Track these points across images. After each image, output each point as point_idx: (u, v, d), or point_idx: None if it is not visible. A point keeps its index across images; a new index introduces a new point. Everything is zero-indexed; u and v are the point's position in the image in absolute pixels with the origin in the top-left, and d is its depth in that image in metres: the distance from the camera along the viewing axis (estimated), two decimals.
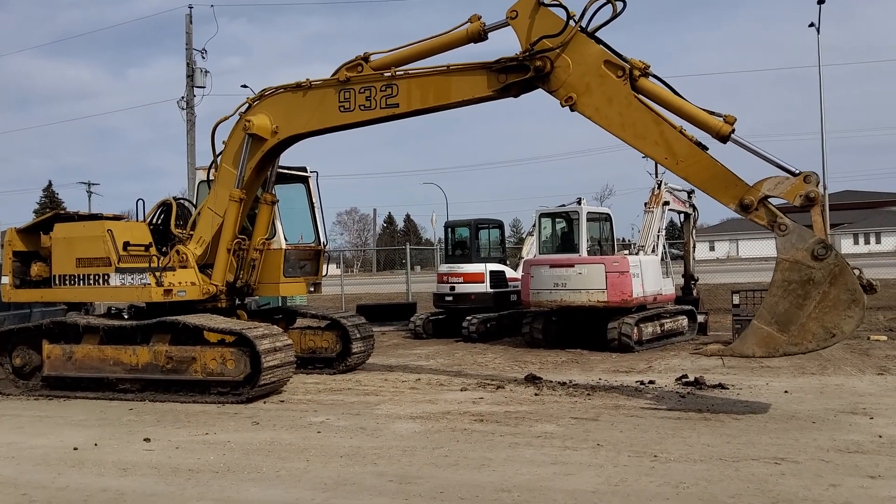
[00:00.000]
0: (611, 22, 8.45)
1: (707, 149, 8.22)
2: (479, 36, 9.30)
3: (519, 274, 16.39)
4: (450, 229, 18.02)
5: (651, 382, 9.78)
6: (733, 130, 8.12)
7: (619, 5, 8.30)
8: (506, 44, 9.20)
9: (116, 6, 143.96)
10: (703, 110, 8.27)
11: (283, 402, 9.24)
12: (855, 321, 7.24)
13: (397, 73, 9.49)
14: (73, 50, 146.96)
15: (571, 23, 8.49)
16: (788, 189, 7.67)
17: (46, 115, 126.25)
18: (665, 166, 8.40)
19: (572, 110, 8.63)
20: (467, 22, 9.34)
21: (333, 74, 9.89)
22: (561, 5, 8.57)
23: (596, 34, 8.53)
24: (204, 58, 26.50)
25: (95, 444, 7.25)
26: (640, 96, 8.37)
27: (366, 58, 9.75)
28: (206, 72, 26.25)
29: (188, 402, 9.29)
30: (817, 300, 7.26)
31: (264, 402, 9.16)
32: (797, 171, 7.72)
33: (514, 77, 8.81)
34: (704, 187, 8.16)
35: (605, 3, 8.36)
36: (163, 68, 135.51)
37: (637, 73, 8.35)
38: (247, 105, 10.47)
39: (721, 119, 8.15)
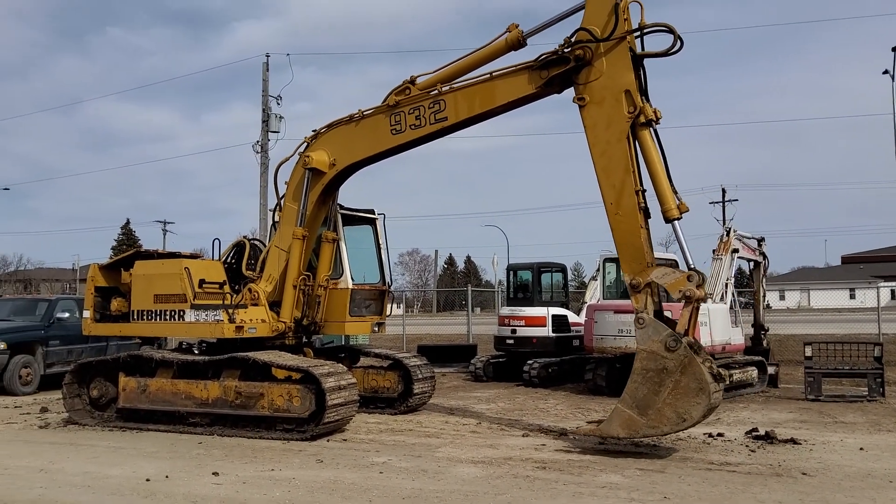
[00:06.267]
0: (662, 56, 8.61)
1: (650, 217, 8.65)
2: (519, 43, 9.57)
3: (582, 318, 16.25)
4: (512, 272, 18.02)
5: (720, 435, 9.52)
6: (678, 218, 8.54)
7: (678, 44, 8.42)
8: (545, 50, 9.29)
9: (194, 54, 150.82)
10: (671, 187, 8.58)
11: (345, 440, 9.34)
12: (702, 408, 7.83)
13: (443, 89, 9.79)
14: (153, 95, 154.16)
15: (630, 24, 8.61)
16: (672, 282, 8.28)
17: (125, 157, 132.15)
18: (606, 209, 8.77)
19: (579, 109, 8.86)
20: (506, 31, 9.61)
21: (383, 101, 10.24)
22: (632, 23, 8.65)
23: (642, 59, 8.67)
24: (279, 104, 27.47)
25: (166, 476, 7.46)
26: (633, 141, 8.60)
27: (412, 81, 10.11)
28: (281, 117, 27.18)
29: (255, 437, 9.48)
30: (670, 387, 7.90)
31: (327, 441, 9.28)
32: (691, 267, 8.35)
33: (556, 70, 8.97)
34: (619, 247, 8.72)
35: (664, 31, 8.51)
36: (235, 113, 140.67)
37: (643, 119, 8.54)
38: (305, 144, 10.98)
39: (676, 205, 8.53)
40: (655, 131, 8.68)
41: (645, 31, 8.61)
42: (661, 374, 7.95)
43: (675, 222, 8.56)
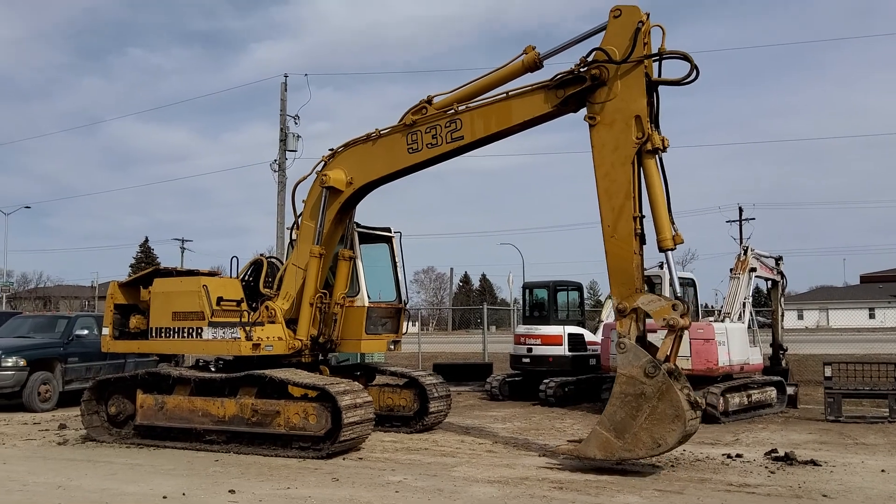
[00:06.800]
0: (677, 84, 8.64)
1: (645, 243, 8.70)
2: (535, 65, 9.61)
3: (598, 337, 16.17)
4: (528, 290, 17.98)
5: (738, 456, 9.42)
6: (672, 249, 8.60)
7: (694, 73, 8.47)
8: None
9: (213, 74, 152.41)
10: (669, 217, 8.62)
11: (361, 459, 9.33)
12: (677, 434, 7.93)
13: (459, 108, 9.86)
14: (172, 115, 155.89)
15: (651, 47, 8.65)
16: (657, 309, 8.30)
17: (145, 176, 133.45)
18: (602, 232, 8.80)
19: (589, 127, 8.89)
20: (522, 53, 9.66)
21: (400, 120, 10.33)
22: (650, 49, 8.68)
23: (657, 85, 8.72)
24: (296, 123, 27.74)
25: (183, 494, 7.48)
26: (637, 167, 8.63)
27: (429, 100, 10.20)
28: (298, 136, 27.46)
29: (271, 455, 9.49)
30: (647, 412, 8.02)
31: (343, 459, 9.27)
32: (677, 296, 8.40)
33: (572, 89, 9.01)
34: (610, 271, 8.75)
35: (680, 58, 8.54)
36: (253, 133, 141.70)
37: (650, 146, 8.56)
38: (322, 163, 11.08)
39: (672, 235, 8.57)
40: (661, 160, 8.71)
41: (662, 57, 8.64)
42: (638, 399, 8.05)
43: (668, 252, 8.63)
